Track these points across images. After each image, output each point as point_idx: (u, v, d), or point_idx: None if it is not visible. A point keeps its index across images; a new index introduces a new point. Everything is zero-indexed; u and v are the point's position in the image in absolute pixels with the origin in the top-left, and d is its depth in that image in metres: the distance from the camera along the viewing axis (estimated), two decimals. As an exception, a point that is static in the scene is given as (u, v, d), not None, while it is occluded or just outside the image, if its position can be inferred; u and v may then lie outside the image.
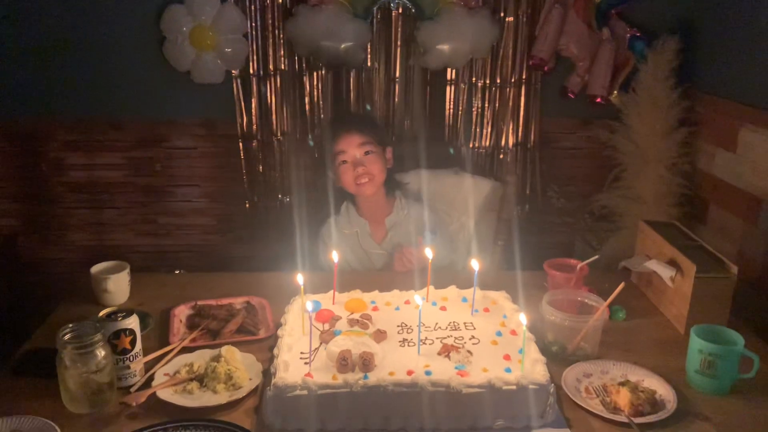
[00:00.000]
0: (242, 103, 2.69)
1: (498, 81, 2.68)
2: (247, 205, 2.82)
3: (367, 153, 2.11)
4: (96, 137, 2.76)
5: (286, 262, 2.08)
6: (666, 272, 1.69)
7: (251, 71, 2.65)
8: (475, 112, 2.71)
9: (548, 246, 2.84)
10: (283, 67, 2.64)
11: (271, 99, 2.68)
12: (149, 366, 1.49)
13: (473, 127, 2.73)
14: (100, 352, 1.34)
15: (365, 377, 1.32)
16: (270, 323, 1.68)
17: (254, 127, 2.71)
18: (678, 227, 1.91)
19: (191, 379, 1.43)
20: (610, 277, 1.86)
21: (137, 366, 1.45)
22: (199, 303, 1.76)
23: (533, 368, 1.36)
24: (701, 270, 1.63)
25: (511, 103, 2.70)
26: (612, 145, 2.70)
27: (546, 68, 2.63)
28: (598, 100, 2.67)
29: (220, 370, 1.41)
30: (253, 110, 2.69)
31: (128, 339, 1.41)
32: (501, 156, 2.76)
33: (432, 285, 1.71)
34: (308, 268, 1.90)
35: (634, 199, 2.66)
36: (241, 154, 2.76)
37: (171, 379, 1.43)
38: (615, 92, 2.69)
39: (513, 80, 2.67)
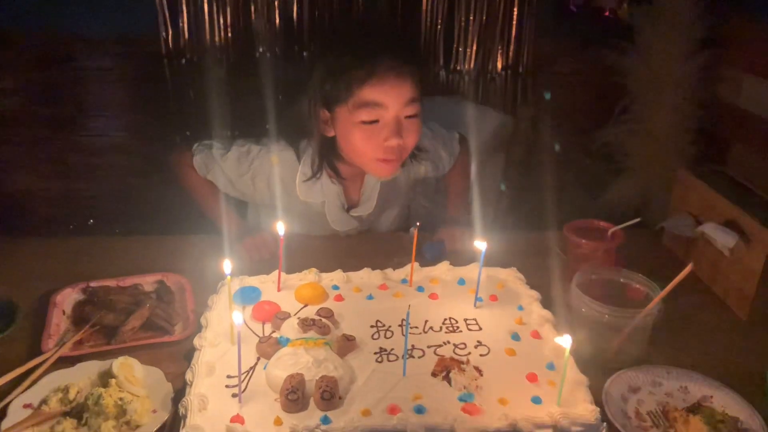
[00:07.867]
0: (167, 13, 2.18)
1: (486, -12, 2.23)
2: (178, 141, 2.32)
3: (410, 116, 1.40)
4: (-20, 55, 2.24)
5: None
6: (727, 240, 1.27)
7: (177, -29, 2.14)
8: (457, 28, 2.25)
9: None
10: (217, -34, 2.12)
11: (204, 7, 2.17)
12: (3, 393, 1.01)
13: (454, 45, 2.28)
14: None
15: (324, 421, 0.87)
16: (190, 314, 1.21)
17: (182, 42, 2.21)
18: (729, 176, 1.51)
19: (65, 414, 0.97)
20: (636, 239, 1.43)
21: (-21, 396, 0.98)
22: (93, 285, 1.28)
23: (574, 398, 0.93)
24: (780, 238, 1.21)
25: (501, 17, 2.25)
26: (620, 71, 2.29)
27: (544, -27, 2.18)
28: (606, 13, 2.27)
29: (107, 402, 0.95)
30: (183, 22, 2.19)
31: (-39, 358, 0.93)
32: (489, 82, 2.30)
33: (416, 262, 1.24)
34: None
35: (643, 136, 2.29)
36: (168, 77, 2.27)
37: (34, 414, 0.97)
38: (625, 5, 2.27)
39: (504, -13, 2.22)
